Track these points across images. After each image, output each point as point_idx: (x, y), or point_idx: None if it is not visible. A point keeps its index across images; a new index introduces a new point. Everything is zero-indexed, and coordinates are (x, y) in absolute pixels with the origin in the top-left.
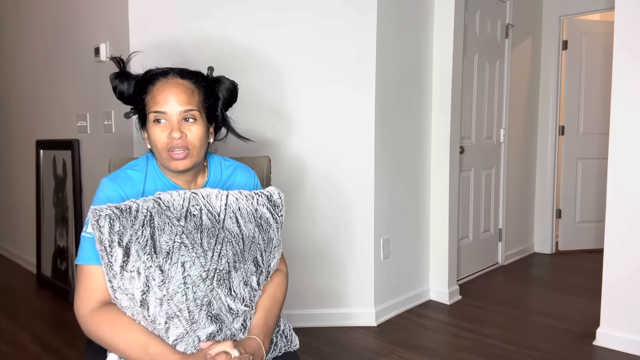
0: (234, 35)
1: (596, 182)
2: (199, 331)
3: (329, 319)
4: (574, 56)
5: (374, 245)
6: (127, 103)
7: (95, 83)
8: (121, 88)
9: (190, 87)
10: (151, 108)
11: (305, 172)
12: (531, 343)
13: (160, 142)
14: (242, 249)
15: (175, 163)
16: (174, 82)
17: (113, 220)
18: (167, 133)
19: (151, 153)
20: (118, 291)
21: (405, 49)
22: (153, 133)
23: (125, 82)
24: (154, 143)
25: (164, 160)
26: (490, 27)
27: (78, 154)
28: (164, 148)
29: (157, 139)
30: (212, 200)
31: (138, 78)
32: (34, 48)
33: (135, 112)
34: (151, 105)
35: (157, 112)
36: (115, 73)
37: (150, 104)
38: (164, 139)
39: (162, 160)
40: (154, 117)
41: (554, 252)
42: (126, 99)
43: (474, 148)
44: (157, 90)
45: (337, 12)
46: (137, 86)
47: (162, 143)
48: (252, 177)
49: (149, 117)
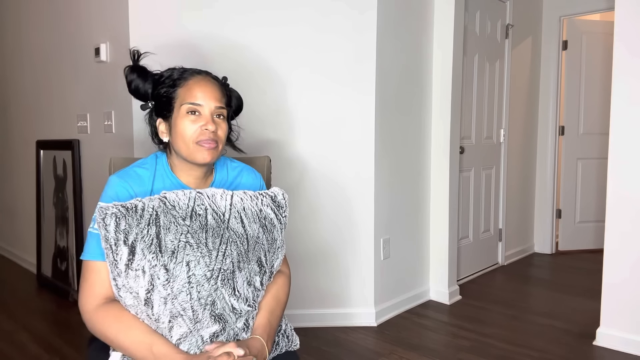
0: (234, 35)
1: (596, 182)
2: (202, 330)
3: (329, 319)
4: (574, 56)
5: (374, 245)
6: (139, 98)
7: (96, 83)
8: (137, 83)
9: (221, 88)
10: (186, 100)
11: (305, 172)
12: (531, 343)
13: (190, 133)
14: (246, 249)
15: (204, 154)
16: (209, 79)
17: (119, 218)
18: (199, 125)
19: (160, 152)
20: (122, 289)
21: (405, 50)
22: (183, 124)
23: (142, 77)
24: (182, 133)
25: (191, 151)
26: (490, 27)
27: (78, 154)
28: (194, 139)
29: (188, 129)
30: (217, 200)
31: (157, 76)
32: (34, 48)
33: (152, 105)
34: (186, 97)
35: (194, 104)
36: (130, 67)
37: (186, 96)
38: (194, 130)
39: (187, 151)
40: (188, 109)
41: (554, 252)
42: (140, 94)
43: (474, 148)
44: (194, 84)
45: (337, 12)
46: (159, 81)
47: (192, 134)
48: (258, 179)
49: (180, 109)
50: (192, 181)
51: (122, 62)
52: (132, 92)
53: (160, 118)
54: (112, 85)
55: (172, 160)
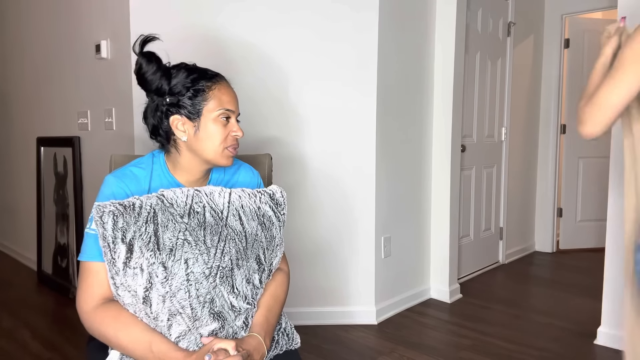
0: (236, 34)
1: (597, 181)
2: (201, 328)
3: (329, 317)
4: (576, 54)
5: (374, 244)
6: (147, 88)
7: (96, 80)
8: (146, 68)
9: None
10: (222, 105)
11: (306, 170)
12: (532, 342)
13: (222, 137)
14: (244, 247)
15: (229, 158)
16: (230, 85)
17: (117, 216)
18: (230, 131)
19: (158, 151)
20: (120, 288)
21: (407, 48)
22: (216, 128)
23: (152, 64)
24: (212, 137)
25: (218, 155)
26: (492, 25)
27: (79, 151)
28: (223, 143)
29: (219, 133)
30: (215, 198)
31: (168, 67)
32: (34, 45)
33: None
34: (222, 102)
35: (228, 110)
36: (145, 52)
37: (219, 101)
38: (226, 135)
39: (213, 154)
40: (223, 115)
41: (554, 250)
42: (146, 81)
43: (475, 146)
44: (224, 90)
45: (339, 9)
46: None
47: (222, 138)
48: (256, 177)
49: (213, 113)
50: (191, 180)
51: (123, 59)
52: (140, 77)
53: (184, 117)
54: (112, 82)
55: (172, 159)
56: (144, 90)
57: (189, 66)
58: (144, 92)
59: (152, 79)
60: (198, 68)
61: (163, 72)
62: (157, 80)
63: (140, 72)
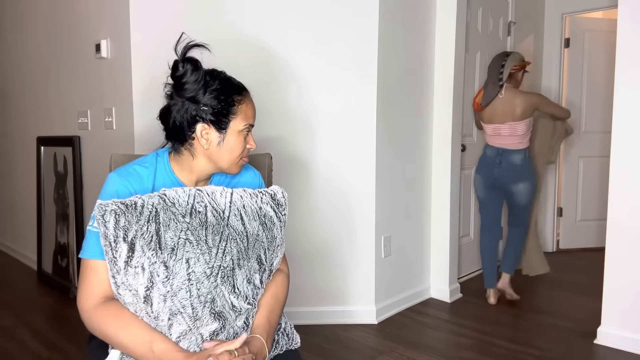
0: (236, 32)
1: (598, 181)
2: (202, 328)
3: (329, 317)
4: (576, 54)
5: (375, 243)
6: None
7: (96, 80)
8: (190, 76)
9: None
10: (247, 120)
11: (306, 170)
12: (532, 341)
13: (242, 149)
14: (246, 247)
15: (241, 167)
16: (252, 99)
17: (118, 215)
18: (247, 142)
19: (162, 150)
20: (121, 287)
21: (407, 47)
22: (237, 140)
23: (198, 72)
24: (233, 148)
25: (233, 165)
26: (492, 25)
27: (79, 150)
28: (242, 155)
29: (240, 145)
30: (217, 198)
31: (209, 77)
32: (34, 45)
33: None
34: (246, 118)
35: (251, 125)
36: (189, 57)
37: (245, 116)
38: (244, 147)
39: (229, 163)
40: (247, 129)
41: (555, 250)
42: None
43: (476, 146)
44: (250, 104)
45: (339, 8)
46: (206, 85)
47: (241, 149)
48: (257, 177)
49: (239, 126)
50: (195, 181)
51: (123, 59)
52: (176, 82)
53: (212, 127)
54: (112, 82)
55: (180, 160)
56: (175, 92)
57: (220, 76)
58: (146, 92)
59: (191, 87)
60: (229, 79)
61: (204, 83)
62: (195, 89)
63: (181, 78)
